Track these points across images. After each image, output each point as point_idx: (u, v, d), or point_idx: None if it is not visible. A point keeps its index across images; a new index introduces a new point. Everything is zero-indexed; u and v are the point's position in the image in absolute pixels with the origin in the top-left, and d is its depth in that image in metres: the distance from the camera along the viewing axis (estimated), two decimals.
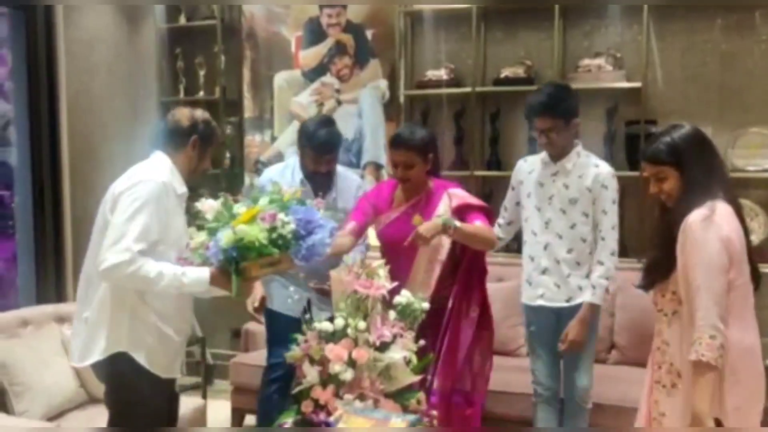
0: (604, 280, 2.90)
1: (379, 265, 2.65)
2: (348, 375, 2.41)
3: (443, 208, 2.87)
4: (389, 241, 2.95)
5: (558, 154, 2.99)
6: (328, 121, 3.13)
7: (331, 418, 2.22)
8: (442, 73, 4.26)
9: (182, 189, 2.54)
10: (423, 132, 2.94)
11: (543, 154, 3.05)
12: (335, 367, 2.40)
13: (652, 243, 2.32)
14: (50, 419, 2.91)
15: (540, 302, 3.02)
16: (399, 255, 2.87)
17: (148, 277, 2.31)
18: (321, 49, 4.59)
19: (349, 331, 2.46)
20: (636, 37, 3.95)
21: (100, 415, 3.04)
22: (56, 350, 3.13)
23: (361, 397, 2.40)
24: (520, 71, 4.08)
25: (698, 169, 2.17)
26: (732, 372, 2.10)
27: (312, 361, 2.40)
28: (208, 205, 2.42)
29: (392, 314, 2.55)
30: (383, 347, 2.48)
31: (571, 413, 3.05)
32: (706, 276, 2.07)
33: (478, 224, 2.81)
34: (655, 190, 2.25)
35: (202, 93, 4.83)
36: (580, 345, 2.91)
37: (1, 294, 4.36)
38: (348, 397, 2.39)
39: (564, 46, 4.06)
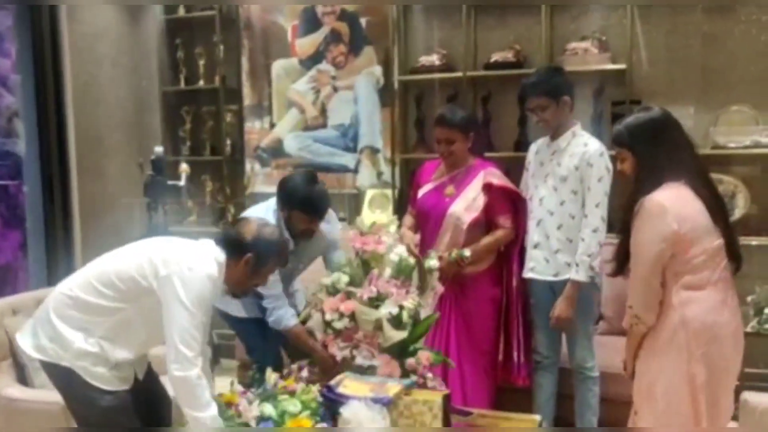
0: (585, 257, 2.98)
1: (391, 220, 2.89)
2: (339, 324, 2.62)
3: (477, 185, 3.11)
4: (422, 210, 3.23)
5: (553, 132, 3.12)
6: (314, 179, 2.89)
7: (332, 382, 2.38)
8: (435, 59, 4.38)
9: (217, 293, 2.41)
10: (463, 113, 3.21)
11: (547, 136, 3.19)
12: (327, 316, 2.63)
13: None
14: None
15: (530, 275, 3.16)
16: (429, 222, 3.18)
17: (200, 400, 2.22)
18: (317, 38, 4.72)
19: (339, 286, 2.67)
20: (621, 20, 4.07)
21: None
22: None
23: (356, 347, 2.58)
24: (509, 56, 4.21)
25: (650, 153, 2.30)
26: (697, 347, 2.24)
27: (317, 308, 2.67)
28: None
29: (388, 271, 2.71)
30: (374, 302, 2.62)
31: (577, 382, 3.19)
32: (642, 267, 2.27)
33: (486, 240, 3.10)
34: (620, 169, 2.41)
35: (202, 82, 4.96)
36: (567, 321, 3.05)
37: (12, 281, 4.50)
38: (342, 344, 2.59)
39: (552, 30, 4.18)
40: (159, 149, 4.55)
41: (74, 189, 4.42)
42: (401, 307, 2.59)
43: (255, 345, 3.19)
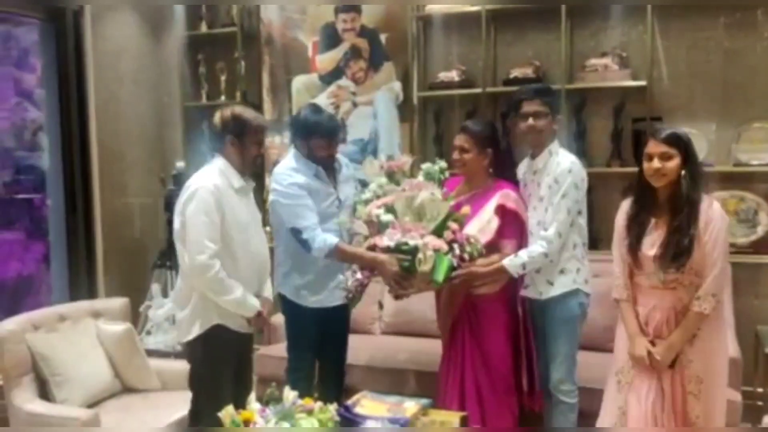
0: (525, 256, 2.95)
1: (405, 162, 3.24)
2: (387, 217, 2.89)
3: (492, 206, 3.04)
4: None
5: (534, 149, 3.09)
6: (318, 108, 3.26)
7: (349, 401, 2.38)
8: (454, 75, 4.40)
9: (239, 183, 2.91)
10: (487, 126, 3.18)
11: (527, 158, 3.18)
12: (374, 211, 2.91)
13: (669, 229, 2.62)
14: (88, 407, 3.09)
15: (523, 293, 3.12)
16: None
17: (224, 283, 2.80)
18: (337, 54, 4.75)
19: (379, 191, 3.01)
20: (641, 36, 4.06)
21: (135, 404, 3.28)
22: (93, 343, 3.32)
23: (404, 233, 2.83)
24: (528, 71, 4.20)
25: (697, 164, 2.67)
26: (726, 327, 2.74)
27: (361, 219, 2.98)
28: None
29: (420, 177, 3.06)
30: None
31: (551, 405, 3.11)
32: (725, 257, 2.61)
33: (481, 261, 2.98)
34: (658, 166, 2.60)
35: (223, 97, 5.00)
36: (467, 283, 2.97)
37: (35, 292, 4.56)
38: (392, 231, 2.85)
39: (571, 46, 4.18)
40: (180, 164, 4.61)
41: (97, 203, 4.48)
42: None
43: (298, 347, 3.30)
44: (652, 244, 2.63)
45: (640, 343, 2.65)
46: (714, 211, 2.57)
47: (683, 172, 2.59)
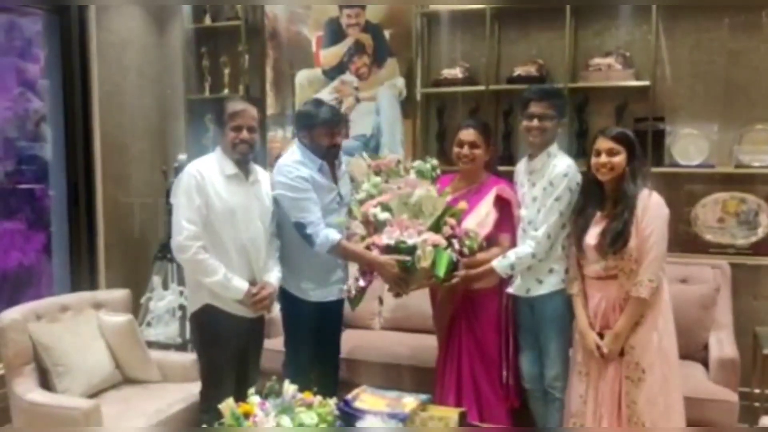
0: (513, 256, 3.02)
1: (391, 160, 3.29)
2: (384, 215, 2.93)
3: (489, 200, 3.12)
4: None
5: (533, 150, 3.12)
6: (320, 102, 3.32)
7: (349, 396, 2.40)
8: (457, 72, 4.40)
9: (232, 170, 2.99)
10: (488, 124, 3.41)
11: (525, 158, 3.21)
12: (371, 210, 2.94)
13: (608, 217, 2.81)
14: (89, 398, 3.10)
15: (509, 290, 3.15)
16: None
17: (203, 264, 2.86)
18: (341, 49, 4.75)
19: (373, 190, 3.04)
20: (645, 36, 4.06)
21: (135, 395, 3.29)
22: (94, 334, 3.34)
23: (403, 230, 2.87)
24: (532, 70, 4.20)
25: (641, 161, 2.88)
26: (668, 308, 2.82)
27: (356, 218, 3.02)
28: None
29: (412, 173, 3.11)
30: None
31: (549, 401, 3.15)
32: (664, 244, 2.75)
33: (480, 256, 3.05)
34: (605, 161, 2.79)
35: (226, 91, 5.00)
36: (463, 282, 3.05)
37: (36, 283, 4.57)
38: (390, 229, 2.88)
39: (575, 45, 4.18)
40: (183, 157, 4.61)
41: (99, 194, 4.49)
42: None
43: (296, 340, 3.32)
44: (595, 235, 2.80)
45: (588, 337, 2.82)
46: (652, 201, 2.75)
47: (627, 168, 2.77)
